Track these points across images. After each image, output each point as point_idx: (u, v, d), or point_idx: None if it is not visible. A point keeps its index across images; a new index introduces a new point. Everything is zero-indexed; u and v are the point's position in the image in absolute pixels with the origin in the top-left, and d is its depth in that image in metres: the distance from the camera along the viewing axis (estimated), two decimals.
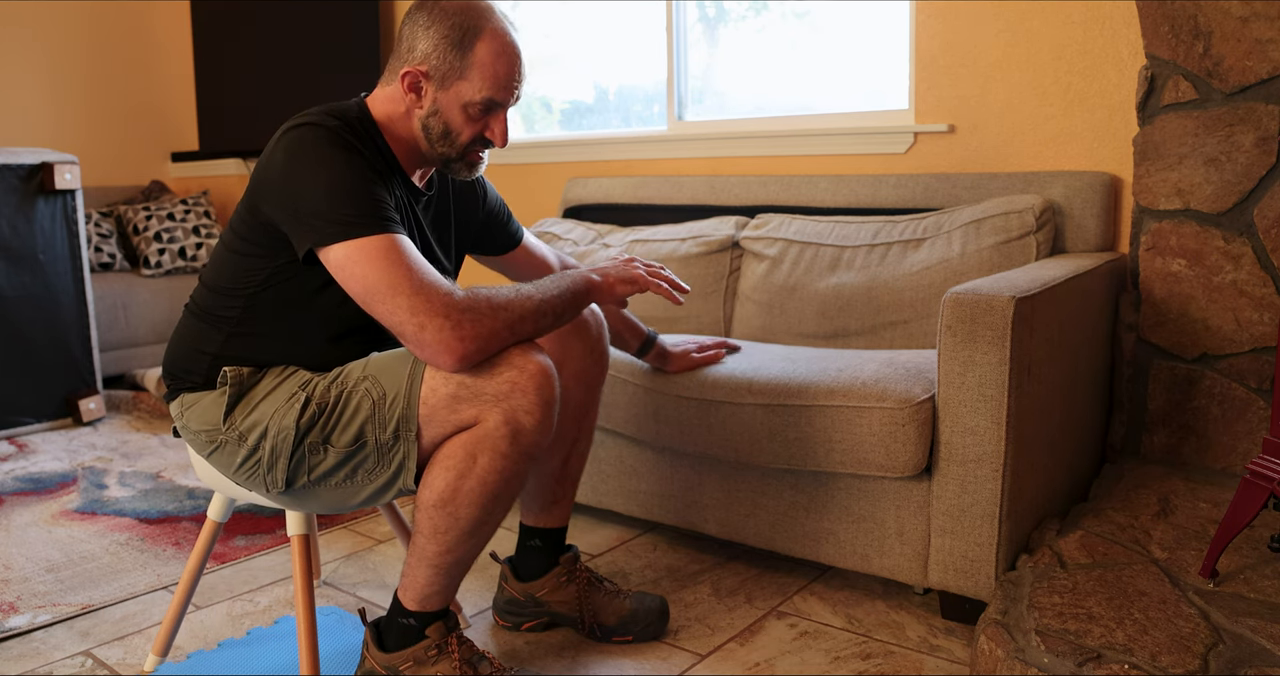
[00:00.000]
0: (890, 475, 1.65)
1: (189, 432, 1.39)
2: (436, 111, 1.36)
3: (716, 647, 1.63)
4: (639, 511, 2.04)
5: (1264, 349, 1.98)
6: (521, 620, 1.70)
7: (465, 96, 1.34)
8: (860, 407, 1.65)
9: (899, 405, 1.62)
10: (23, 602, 1.82)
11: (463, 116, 1.36)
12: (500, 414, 1.26)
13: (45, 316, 3.01)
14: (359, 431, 1.30)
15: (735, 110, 2.94)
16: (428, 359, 1.24)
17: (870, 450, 1.65)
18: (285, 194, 1.25)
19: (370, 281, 1.22)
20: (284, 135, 1.28)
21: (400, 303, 1.21)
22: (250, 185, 1.32)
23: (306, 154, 1.25)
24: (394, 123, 1.38)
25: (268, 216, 1.29)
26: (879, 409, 1.63)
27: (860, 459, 1.66)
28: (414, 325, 1.21)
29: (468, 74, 1.33)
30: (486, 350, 1.25)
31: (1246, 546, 1.63)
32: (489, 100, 1.35)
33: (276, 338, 1.37)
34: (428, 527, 1.32)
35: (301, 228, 1.25)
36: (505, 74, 1.35)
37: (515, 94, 1.38)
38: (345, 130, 1.29)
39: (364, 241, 1.22)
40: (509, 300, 1.28)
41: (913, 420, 1.61)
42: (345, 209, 1.23)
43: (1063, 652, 1.30)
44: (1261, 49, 1.90)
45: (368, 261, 1.22)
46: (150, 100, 4.38)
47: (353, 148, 1.28)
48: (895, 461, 1.63)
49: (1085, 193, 2.11)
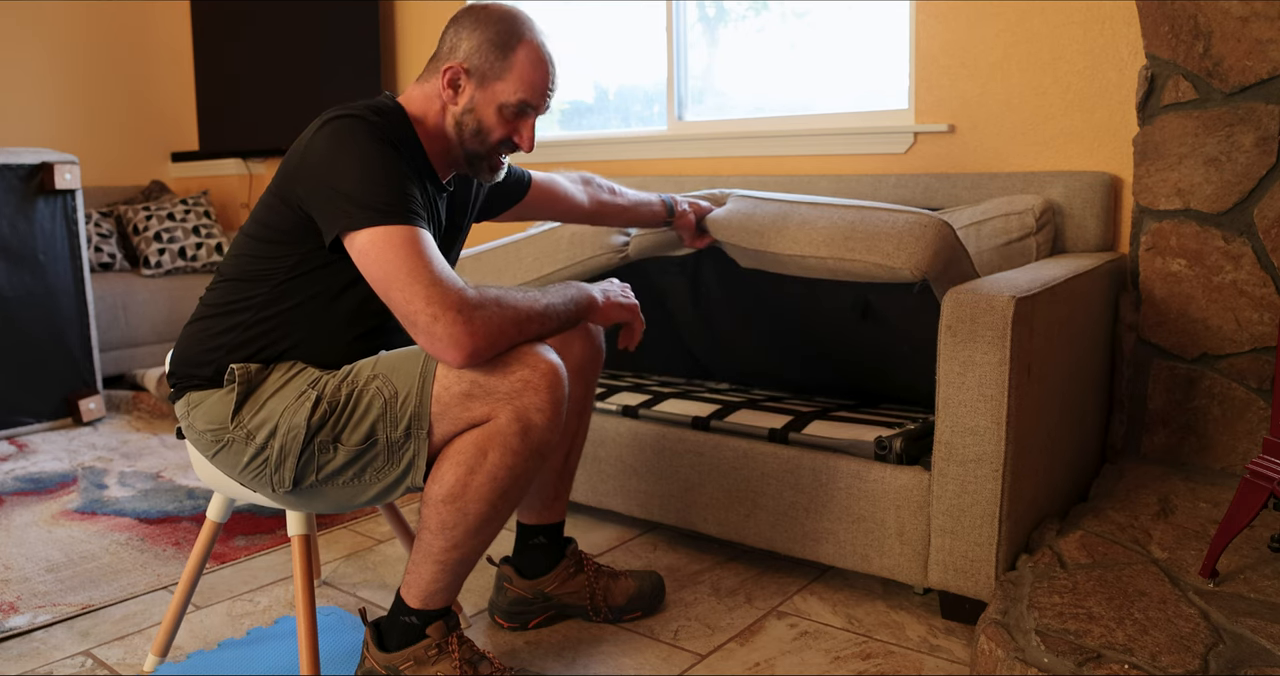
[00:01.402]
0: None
1: (194, 433, 1.39)
2: (472, 109, 1.41)
3: (716, 647, 1.63)
4: (639, 511, 2.04)
5: (1264, 349, 1.98)
6: (529, 617, 1.70)
7: (501, 97, 1.40)
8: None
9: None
10: (23, 602, 1.82)
11: (497, 116, 1.41)
12: (512, 411, 1.27)
13: (45, 316, 3.01)
14: (370, 430, 1.30)
15: (735, 110, 2.94)
16: (436, 351, 1.25)
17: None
18: (323, 180, 1.28)
19: (391, 267, 1.24)
20: (326, 124, 1.30)
21: (418, 291, 1.23)
22: (284, 171, 1.34)
23: (348, 144, 1.28)
24: (427, 120, 1.43)
25: (299, 201, 1.31)
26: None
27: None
28: (428, 315, 1.23)
29: (506, 75, 1.39)
30: (494, 347, 1.27)
31: (1246, 546, 1.63)
32: (523, 103, 1.41)
33: (292, 330, 1.37)
34: (435, 523, 1.32)
35: (333, 212, 1.27)
36: (541, 80, 1.41)
37: (547, 102, 1.44)
38: (385, 126, 1.33)
39: (391, 229, 1.25)
40: (517, 301, 1.31)
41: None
42: (377, 198, 1.26)
43: (1063, 652, 1.30)
44: (1261, 49, 1.90)
45: (392, 248, 1.24)
46: (150, 100, 4.38)
47: (391, 142, 1.31)
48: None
49: (1085, 193, 2.12)
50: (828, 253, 1.67)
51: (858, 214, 1.69)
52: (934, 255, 1.60)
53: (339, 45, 3.64)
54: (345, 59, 3.62)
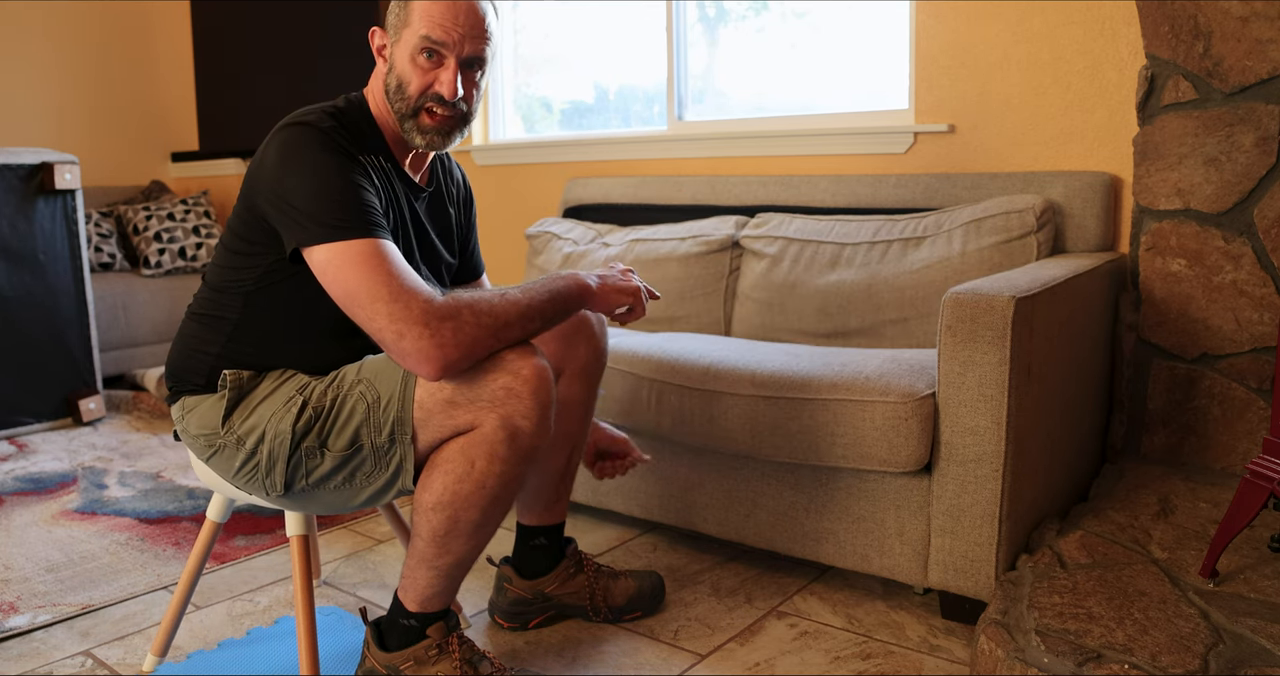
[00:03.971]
0: (892, 470, 1.65)
1: (188, 436, 1.39)
2: (392, 67, 1.37)
3: (716, 647, 1.63)
4: (639, 511, 2.04)
5: (1264, 349, 1.98)
6: (529, 618, 1.70)
7: (409, 43, 1.34)
8: (863, 401, 1.65)
9: (902, 399, 1.62)
10: (23, 602, 1.82)
11: (411, 65, 1.35)
12: (497, 418, 1.26)
13: (45, 316, 3.01)
14: (354, 435, 1.29)
15: (735, 110, 2.94)
16: (409, 368, 1.23)
17: (873, 444, 1.65)
18: (275, 192, 1.26)
19: (350, 286, 1.22)
20: (277, 134, 1.29)
21: (379, 309, 1.20)
22: (246, 181, 1.33)
23: (297, 155, 1.26)
24: (382, 110, 1.40)
25: (261, 212, 1.30)
26: (882, 403, 1.63)
27: (863, 453, 1.66)
28: (392, 333, 1.20)
29: (410, 20, 1.34)
30: (470, 357, 1.23)
31: (1246, 546, 1.63)
32: (426, 38, 1.32)
33: (275, 338, 1.37)
34: (426, 531, 1.32)
35: (289, 226, 1.26)
36: (440, 13, 1.33)
37: (457, 37, 1.33)
38: (340, 132, 1.30)
39: (347, 245, 1.22)
40: (493, 305, 1.26)
41: (915, 414, 1.61)
42: (331, 212, 1.23)
43: (1063, 652, 1.29)
44: (1261, 49, 1.90)
45: (349, 265, 1.22)
46: (150, 100, 4.38)
47: (345, 151, 1.28)
48: (898, 456, 1.63)
49: (1085, 193, 2.11)
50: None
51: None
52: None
53: (338, 45, 3.64)
54: (345, 59, 3.62)
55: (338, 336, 1.38)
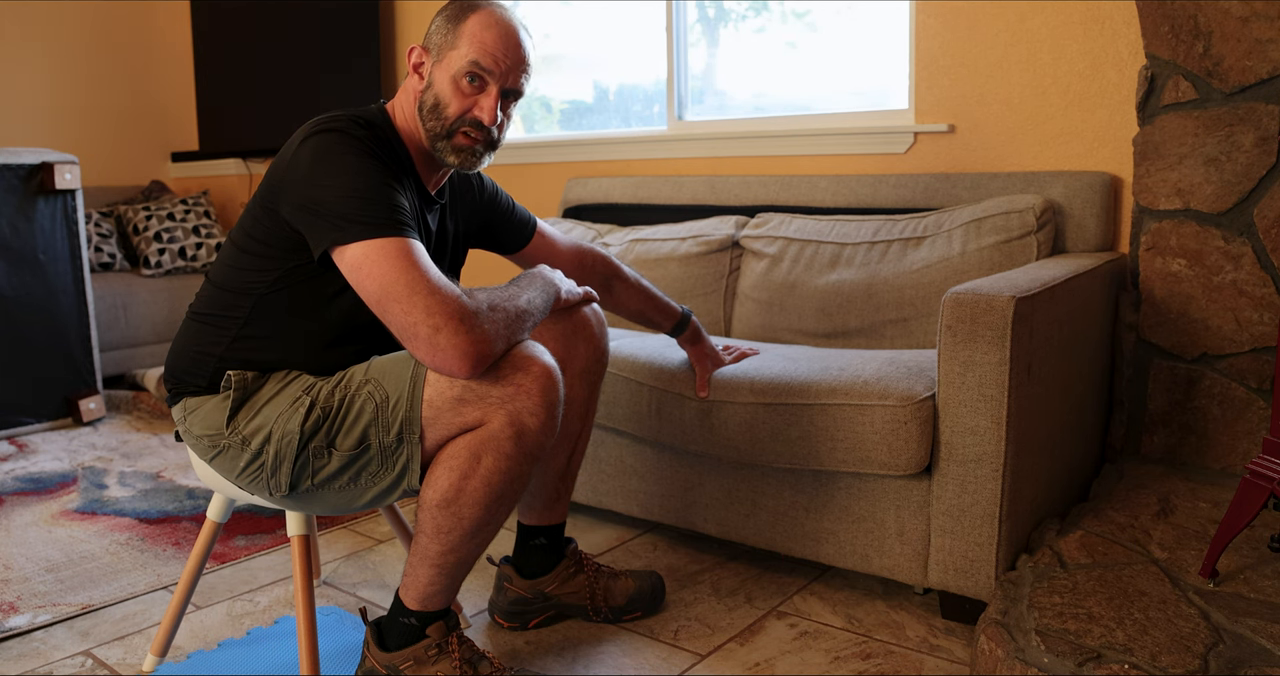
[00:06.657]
0: (893, 473, 1.65)
1: (191, 437, 1.39)
2: (430, 85, 1.38)
3: (716, 647, 1.63)
4: (639, 511, 2.04)
5: (1264, 349, 1.98)
6: (529, 617, 1.70)
7: (454, 66, 1.36)
8: (863, 406, 1.65)
9: (901, 403, 1.62)
10: (23, 602, 1.82)
11: (452, 88, 1.36)
12: (505, 415, 1.26)
13: (45, 316, 3.01)
14: (362, 435, 1.30)
15: (735, 110, 2.94)
16: (439, 363, 1.23)
17: (873, 448, 1.65)
18: (308, 195, 1.26)
19: (388, 281, 1.22)
20: (309, 138, 1.29)
21: (417, 302, 1.21)
22: (267, 184, 1.33)
23: (332, 158, 1.27)
24: (408, 124, 1.41)
25: (286, 216, 1.30)
26: (881, 407, 1.63)
27: (863, 457, 1.66)
28: (429, 327, 1.21)
29: (458, 43, 1.36)
30: (495, 353, 1.26)
31: (1246, 546, 1.63)
32: (474, 64, 1.34)
33: (282, 340, 1.37)
34: (430, 527, 1.32)
35: (322, 226, 1.25)
36: (492, 42, 1.35)
37: (504, 69, 1.36)
38: (369, 139, 1.31)
39: (383, 242, 1.23)
40: (505, 302, 1.30)
41: (915, 417, 1.61)
42: (366, 211, 1.24)
43: (1063, 652, 1.30)
44: (1261, 49, 1.90)
45: (386, 260, 1.23)
46: (150, 100, 4.38)
47: (375, 155, 1.30)
48: (898, 459, 1.63)
49: (1085, 193, 2.11)
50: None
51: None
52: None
53: (339, 45, 3.63)
54: (345, 59, 3.62)
55: (343, 341, 1.39)
